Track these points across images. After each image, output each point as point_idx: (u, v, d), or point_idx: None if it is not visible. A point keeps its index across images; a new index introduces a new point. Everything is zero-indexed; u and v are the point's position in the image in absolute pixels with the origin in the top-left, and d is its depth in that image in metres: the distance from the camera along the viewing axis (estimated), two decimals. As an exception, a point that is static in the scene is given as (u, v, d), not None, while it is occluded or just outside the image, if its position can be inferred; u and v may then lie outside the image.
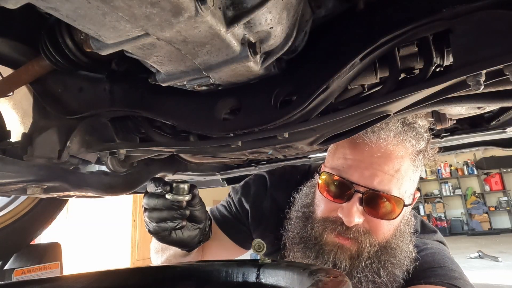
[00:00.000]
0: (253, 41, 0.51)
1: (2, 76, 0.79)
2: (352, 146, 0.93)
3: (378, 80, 0.71)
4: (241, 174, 1.54)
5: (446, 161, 8.17)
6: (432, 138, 1.12)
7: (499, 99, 0.73)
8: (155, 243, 1.13)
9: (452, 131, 1.13)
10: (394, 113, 0.75)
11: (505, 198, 9.65)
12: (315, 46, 0.67)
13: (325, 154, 1.07)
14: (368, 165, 0.89)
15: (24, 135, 0.83)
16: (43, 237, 1.86)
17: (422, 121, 0.94)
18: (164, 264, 0.82)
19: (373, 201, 0.89)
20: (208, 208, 1.09)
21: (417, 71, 0.69)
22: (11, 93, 0.78)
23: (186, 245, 0.97)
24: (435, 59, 0.64)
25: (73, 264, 2.93)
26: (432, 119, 0.97)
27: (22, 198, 1.49)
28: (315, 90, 0.65)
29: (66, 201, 1.66)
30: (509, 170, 7.62)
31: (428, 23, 0.58)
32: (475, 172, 7.96)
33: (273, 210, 1.16)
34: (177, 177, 1.31)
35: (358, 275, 0.90)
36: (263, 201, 1.21)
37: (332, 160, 0.98)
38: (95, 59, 0.70)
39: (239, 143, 0.78)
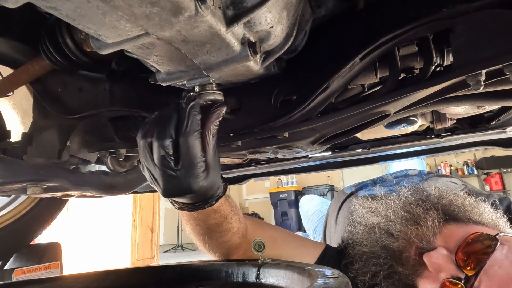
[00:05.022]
0: (253, 41, 0.51)
1: (2, 76, 0.79)
2: None
3: (378, 80, 0.71)
4: (241, 174, 1.53)
5: (446, 161, 8.12)
6: (432, 138, 1.12)
7: (499, 99, 0.73)
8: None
9: (452, 131, 1.13)
10: (394, 113, 0.75)
11: (505, 198, 9.59)
12: (315, 45, 0.67)
13: (325, 154, 1.06)
14: None
15: (24, 135, 0.83)
16: (43, 237, 1.85)
17: None
18: (163, 264, 0.82)
19: None
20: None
21: (417, 71, 0.69)
22: (11, 93, 0.78)
23: None
24: (435, 58, 0.64)
25: (73, 264, 2.92)
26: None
27: (22, 198, 1.49)
28: (315, 90, 0.65)
29: (66, 201, 1.66)
30: (509, 170, 7.56)
31: (428, 22, 0.58)
32: (475, 172, 7.90)
33: None
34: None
35: None
36: None
37: None
38: (95, 58, 0.70)
39: (239, 143, 0.78)
